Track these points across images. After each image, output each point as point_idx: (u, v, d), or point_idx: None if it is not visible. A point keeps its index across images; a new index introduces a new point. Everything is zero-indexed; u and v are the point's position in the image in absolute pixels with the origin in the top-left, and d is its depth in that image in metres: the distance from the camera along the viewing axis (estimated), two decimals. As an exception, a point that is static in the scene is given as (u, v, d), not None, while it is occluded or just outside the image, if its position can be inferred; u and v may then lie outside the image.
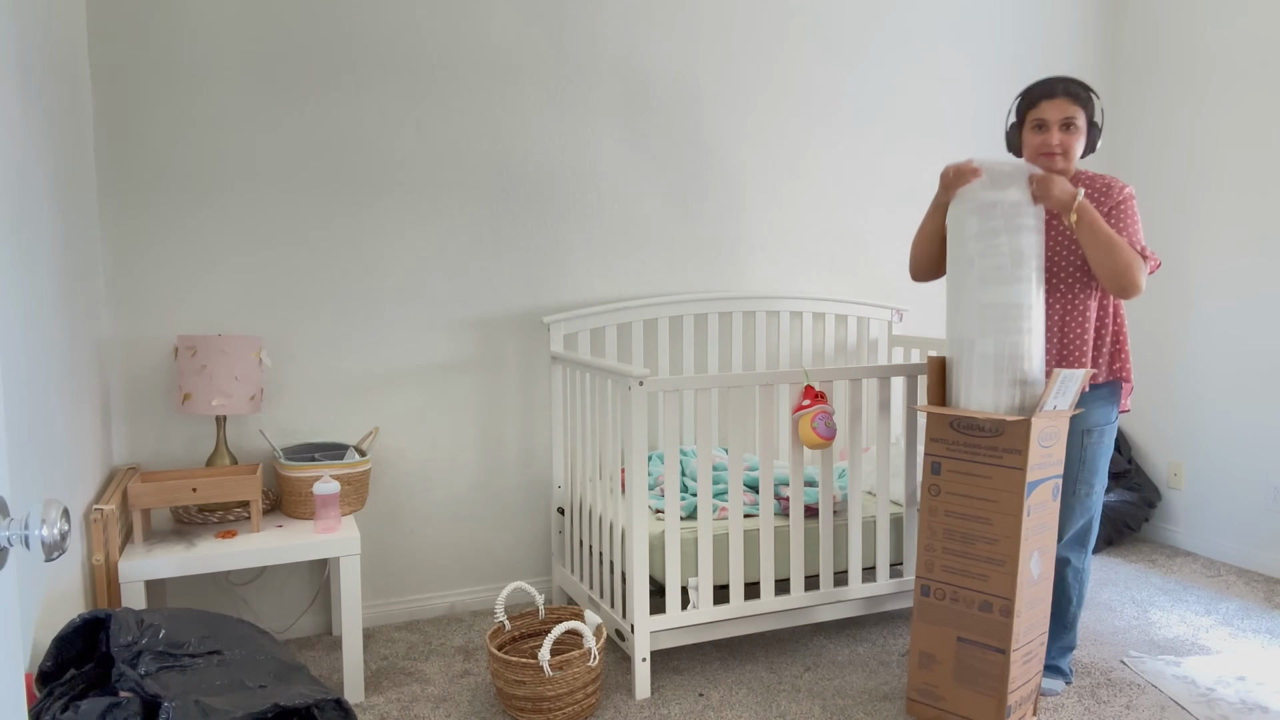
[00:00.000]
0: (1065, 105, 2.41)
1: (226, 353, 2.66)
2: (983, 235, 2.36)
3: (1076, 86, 2.43)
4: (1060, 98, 2.41)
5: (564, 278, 3.32)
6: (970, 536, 2.38)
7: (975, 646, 2.37)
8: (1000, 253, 2.34)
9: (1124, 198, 2.45)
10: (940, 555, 2.43)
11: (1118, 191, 2.45)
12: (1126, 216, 2.43)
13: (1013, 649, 2.31)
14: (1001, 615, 2.32)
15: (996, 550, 2.33)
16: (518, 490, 3.32)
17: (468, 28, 3.11)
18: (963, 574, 2.39)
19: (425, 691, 2.66)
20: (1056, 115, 2.41)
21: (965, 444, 2.39)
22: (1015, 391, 2.35)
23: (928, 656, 2.46)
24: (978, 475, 2.37)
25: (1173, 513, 3.99)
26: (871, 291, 3.82)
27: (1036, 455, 2.31)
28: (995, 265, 2.34)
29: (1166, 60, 3.94)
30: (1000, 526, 2.33)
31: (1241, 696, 2.61)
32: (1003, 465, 2.32)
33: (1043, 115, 2.43)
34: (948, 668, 2.42)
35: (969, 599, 2.38)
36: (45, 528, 0.87)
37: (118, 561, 2.35)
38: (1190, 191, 3.86)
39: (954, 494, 2.41)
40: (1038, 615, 2.41)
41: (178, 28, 2.79)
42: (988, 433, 2.35)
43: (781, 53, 3.57)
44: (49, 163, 2.17)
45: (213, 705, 1.61)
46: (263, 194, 2.92)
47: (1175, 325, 3.94)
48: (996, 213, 2.35)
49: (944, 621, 2.43)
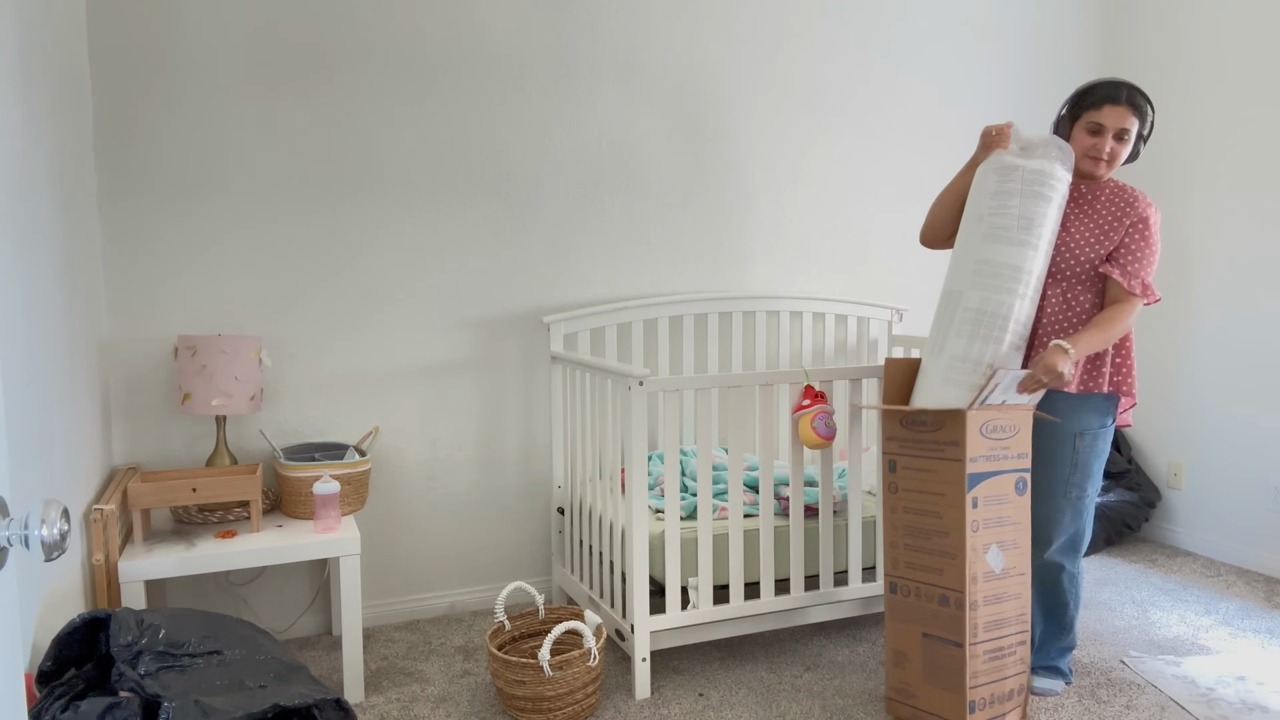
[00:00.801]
0: (1125, 114, 2.39)
1: (226, 353, 2.66)
2: (998, 195, 2.37)
3: (1141, 97, 2.41)
4: (1124, 105, 2.39)
5: (564, 277, 3.32)
6: (925, 531, 2.39)
7: (937, 642, 2.38)
8: (1009, 214, 2.34)
9: (1141, 219, 2.42)
10: (903, 552, 2.45)
11: (1139, 209, 2.43)
12: (1138, 243, 2.41)
13: (969, 642, 2.31)
14: (956, 609, 2.32)
15: (948, 543, 2.34)
16: (517, 490, 3.32)
17: (468, 27, 3.11)
18: (922, 569, 2.40)
19: (425, 691, 2.66)
20: (1115, 123, 2.40)
21: (914, 440, 2.41)
22: (989, 349, 2.35)
23: (900, 655, 2.47)
24: (926, 470, 2.39)
25: (1173, 512, 3.99)
26: (872, 291, 3.82)
27: (980, 447, 2.31)
28: (1002, 225, 2.35)
29: (1168, 60, 3.94)
30: (949, 519, 2.34)
31: (1241, 696, 2.61)
32: (944, 458, 2.34)
33: (1102, 120, 2.40)
34: (917, 665, 2.43)
35: (929, 594, 2.39)
36: (45, 528, 0.87)
37: (117, 561, 2.35)
38: (1191, 191, 3.86)
39: (909, 490, 2.43)
40: (1008, 611, 2.39)
41: (178, 28, 2.79)
42: (929, 427, 2.37)
43: (783, 53, 3.57)
44: (49, 163, 2.17)
45: (213, 705, 1.61)
46: (263, 194, 2.92)
47: (1175, 325, 3.94)
48: (1016, 176, 2.36)
49: (910, 619, 2.44)
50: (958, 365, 2.38)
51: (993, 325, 2.35)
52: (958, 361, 2.37)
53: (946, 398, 2.38)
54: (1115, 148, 2.42)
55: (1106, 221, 2.46)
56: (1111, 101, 2.38)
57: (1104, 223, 2.47)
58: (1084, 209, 2.52)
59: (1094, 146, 2.43)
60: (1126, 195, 2.47)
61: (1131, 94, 2.39)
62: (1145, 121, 2.44)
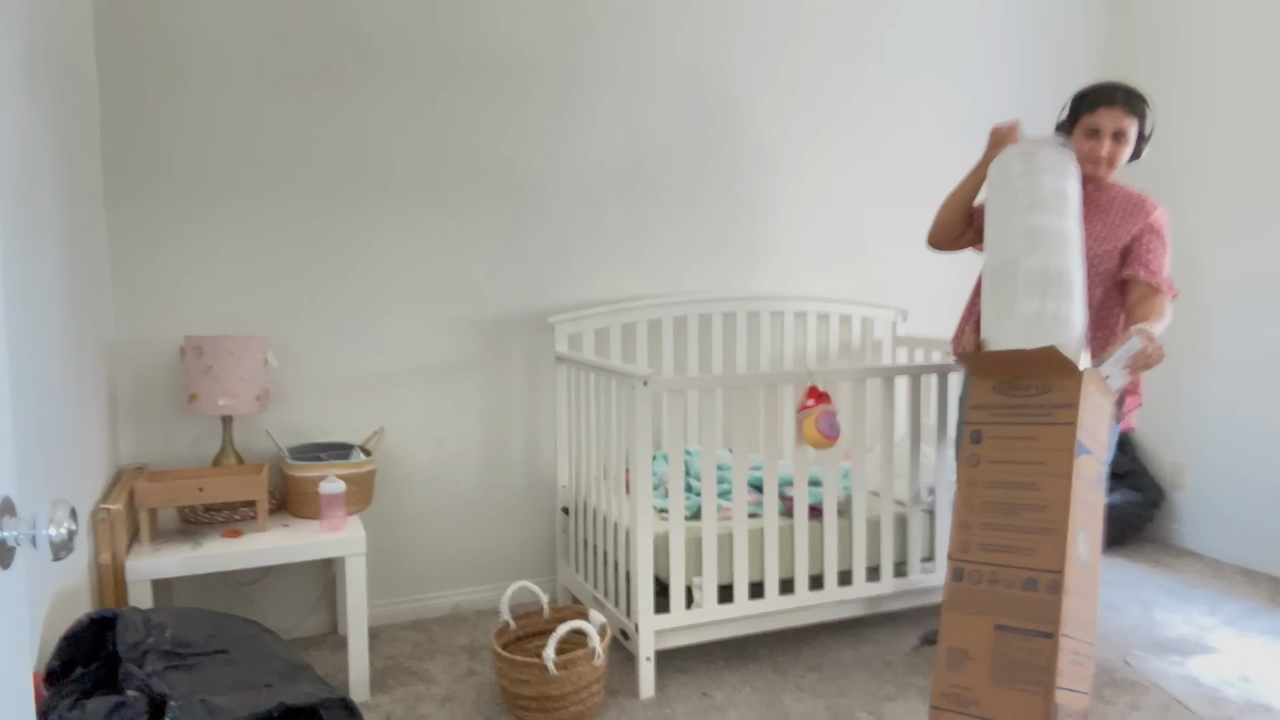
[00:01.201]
0: (1121, 116, 2.39)
1: (232, 353, 2.67)
2: (1027, 174, 2.34)
3: (1136, 98, 2.41)
4: (1119, 107, 2.38)
5: (568, 278, 3.32)
6: (1014, 506, 2.17)
7: (1017, 634, 2.11)
8: (1045, 189, 2.31)
9: (1152, 224, 2.45)
10: (978, 532, 2.21)
11: (1147, 214, 2.46)
12: (1155, 244, 2.43)
13: (1062, 633, 2.04)
14: (1049, 592, 2.07)
15: (1044, 519, 2.12)
16: (522, 490, 3.33)
17: (473, 28, 3.12)
18: (1004, 549, 2.16)
19: (430, 691, 2.67)
20: (1111, 125, 2.39)
21: (1012, 406, 2.23)
22: (1064, 307, 2.22)
23: (959, 653, 2.18)
24: (1023, 438, 2.19)
25: (1177, 512, 3.98)
26: (876, 292, 3.81)
27: (1089, 414, 2.15)
28: (1041, 199, 2.31)
29: (1171, 58, 3.93)
30: (1049, 491, 2.13)
31: (1246, 696, 2.60)
32: (1052, 422, 2.16)
33: (1098, 123, 2.41)
34: (984, 664, 2.14)
35: (1011, 578, 2.14)
36: (52, 527, 0.87)
37: (124, 561, 2.36)
38: (1196, 190, 3.85)
39: (997, 461, 2.21)
40: (1086, 610, 2.16)
41: (184, 28, 2.80)
42: (1035, 391, 2.19)
43: (787, 53, 3.57)
44: (55, 163, 2.18)
45: (219, 704, 1.61)
46: (269, 194, 2.93)
47: (1179, 325, 3.93)
48: (1040, 157, 2.35)
49: (980, 609, 2.17)
50: (1037, 321, 2.22)
51: (1061, 285, 2.23)
52: (1036, 317, 2.22)
53: None
54: (1114, 150, 2.42)
55: (1115, 220, 2.48)
56: (1107, 104, 2.38)
57: (1113, 221, 2.48)
58: (1092, 210, 2.54)
59: (1092, 149, 2.43)
60: (1135, 200, 2.49)
61: (1127, 95, 2.39)
62: (1144, 121, 2.44)
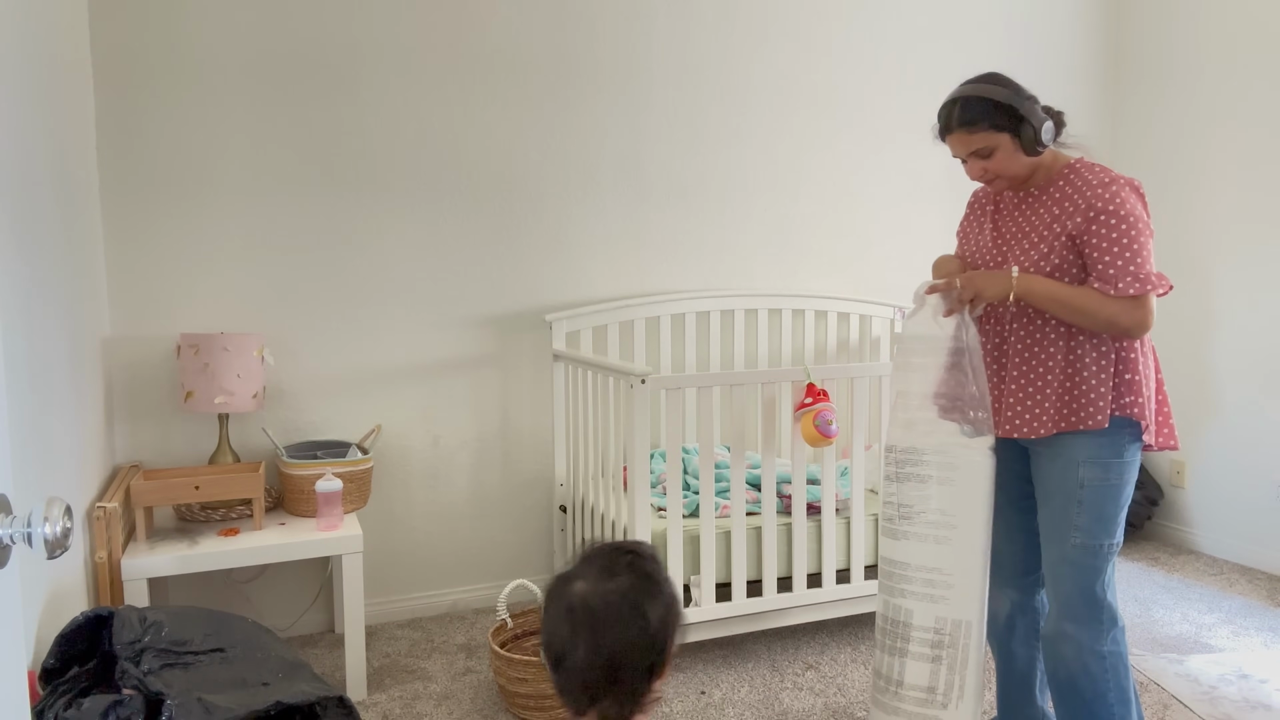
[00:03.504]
0: (964, 139, 1.97)
1: (229, 351, 2.66)
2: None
3: (971, 111, 1.93)
4: (956, 132, 1.97)
5: (566, 275, 3.31)
6: None
7: None
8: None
9: (1100, 208, 1.88)
10: None
11: (1093, 199, 1.89)
12: (1105, 242, 1.88)
13: None
14: None
15: None
16: (520, 488, 3.32)
17: (469, 26, 3.11)
18: None
19: (428, 689, 2.66)
20: (961, 151, 2.00)
21: None
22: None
23: None
24: None
25: (1176, 510, 3.99)
26: (873, 289, 3.81)
27: None
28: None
29: (1170, 52, 3.93)
30: None
31: (1245, 694, 2.60)
32: None
33: (952, 152, 2.03)
34: None
35: None
36: (48, 525, 0.87)
37: (120, 559, 2.35)
38: (1196, 188, 3.85)
39: None
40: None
41: (179, 27, 2.79)
42: None
43: (783, 50, 3.56)
44: (51, 161, 2.17)
45: (215, 703, 1.61)
46: (265, 192, 2.92)
47: (1178, 323, 3.93)
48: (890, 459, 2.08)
49: None
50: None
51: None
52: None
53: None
54: (987, 165, 1.97)
55: (1047, 219, 1.98)
56: (946, 132, 2.00)
57: (1044, 221, 1.99)
58: (1029, 212, 2.04)
59: (968, 173, 2.03)
60: (1077, 184, 1.95)
61: (963, 113, 1.94)
62: (1001, 118, 1.91)
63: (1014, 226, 2.06)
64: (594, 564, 1.21)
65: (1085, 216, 1.90)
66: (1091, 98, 4.14)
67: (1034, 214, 2.02)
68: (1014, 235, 2.05)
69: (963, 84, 1.99)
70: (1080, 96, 4.12)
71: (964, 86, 1.97)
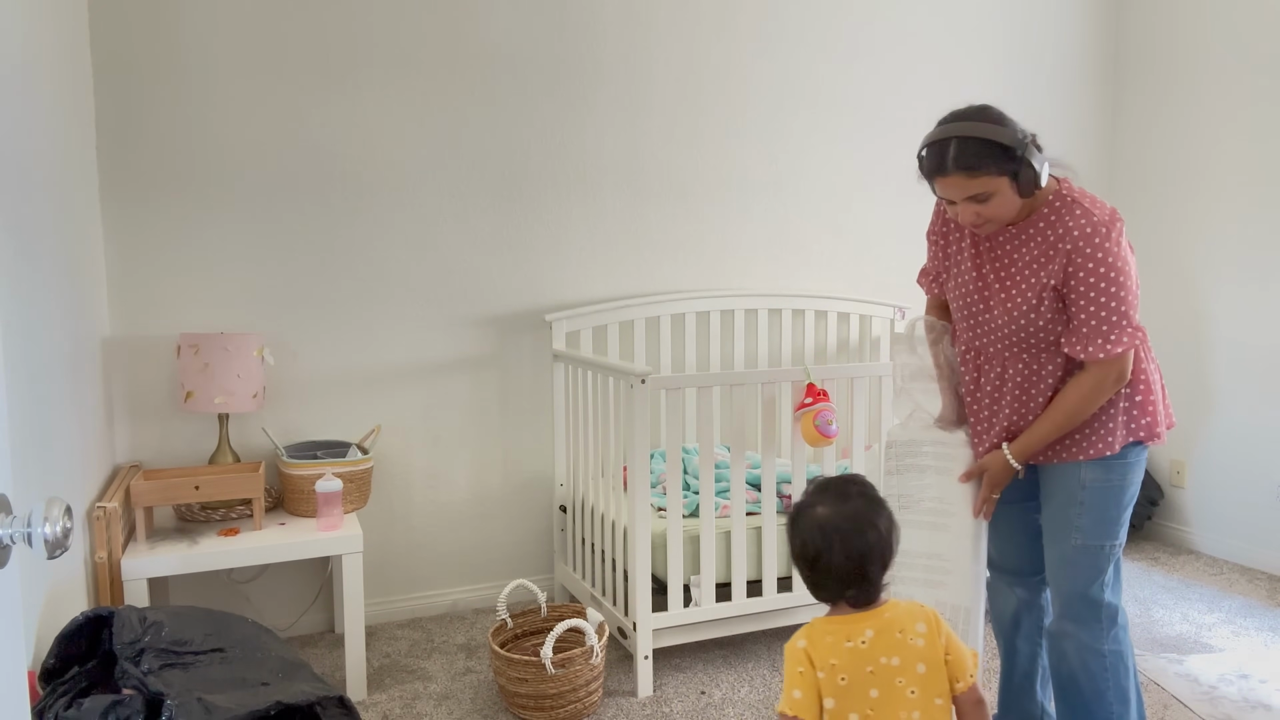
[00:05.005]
0: (962, 183, 1.81)
1: (229, 351, 2.66)
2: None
3: (971, 154, 1.78)
4: (953, 175, 1.81)
5: (566, 275, 3.31)
6: None
7: None
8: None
9: (1081, 249, 1.81)
10: None
11: (1082, 253, 1.82)
12: (1091, 291, 1.82)
13: None
14: None
15: None
16: (520, 488, 3.32)
17: (468, 26, 3.11)
18: None
19: (428, 689, 2.66)
20: (957, 194, 1.84)
21: None
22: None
23: None
24: None
25: (1175, 510, 3.99)
26: (873, 289, 3.81)
27: None
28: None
29: (1170, 52, 3.93)
30: None
31: (1244, 694, 2.60)
32: None
33: (943, 194, 1.87)
34: None
35: None
36: (48, 525, 0.87)
37: (120, 559, 2.35)
38: (1196, 188, 3.85)
39: None
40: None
41: (179, 26, 2.79)
42: None
43: (783, 50, 3.56)
44: (51, 161, 2.17)
45: (215, 703, 1.61)
46: (265, 192, 2.92)
47: (1177, 323, 3.93)
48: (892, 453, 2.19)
49: None
50: None
51: None
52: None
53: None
54: (981, 210, 1.84)
55: (1030, 265, 1.91)
56: (939, 174, 1.83)
57: (1029, 261, 1.91)
58: (1010, 250, 1.96)
59: (960, 216, 1.89)
60: (1058, 229, 1.86)
61: (959, 155, 1.78)
62: (1003, 160, 1.78)
63: (996, 264, 1.98)
64: (829, 493, 1.53)
65: (1066, 272, 1.85)
66: (1091, 98, 4.14)
67: (1015, 252, 1.94)
68: (997, 276, 1.98)
69: (952, 121, 1.83)
70: (1080, 96, 4.11)
71: (958, 125, 1.80)
